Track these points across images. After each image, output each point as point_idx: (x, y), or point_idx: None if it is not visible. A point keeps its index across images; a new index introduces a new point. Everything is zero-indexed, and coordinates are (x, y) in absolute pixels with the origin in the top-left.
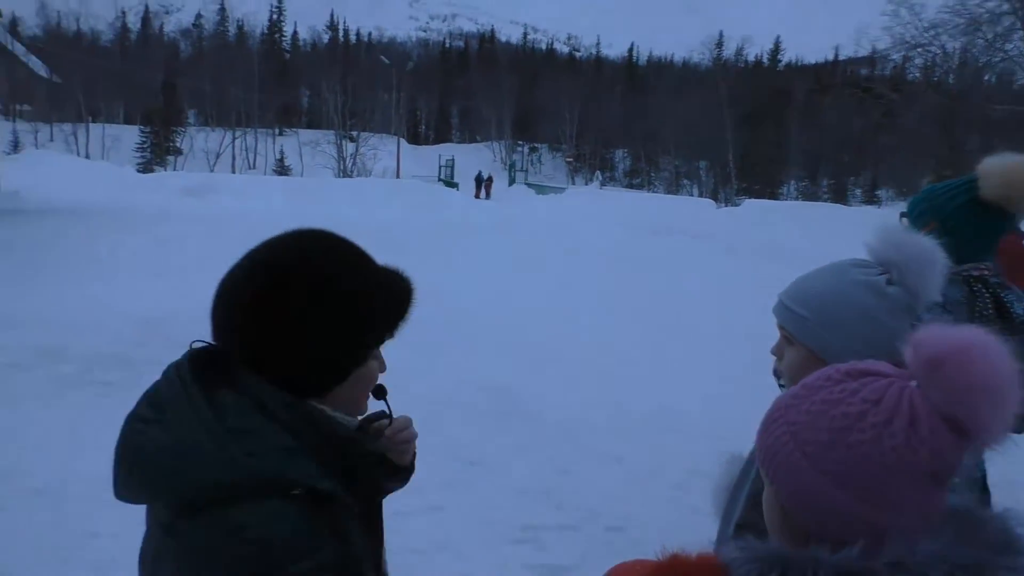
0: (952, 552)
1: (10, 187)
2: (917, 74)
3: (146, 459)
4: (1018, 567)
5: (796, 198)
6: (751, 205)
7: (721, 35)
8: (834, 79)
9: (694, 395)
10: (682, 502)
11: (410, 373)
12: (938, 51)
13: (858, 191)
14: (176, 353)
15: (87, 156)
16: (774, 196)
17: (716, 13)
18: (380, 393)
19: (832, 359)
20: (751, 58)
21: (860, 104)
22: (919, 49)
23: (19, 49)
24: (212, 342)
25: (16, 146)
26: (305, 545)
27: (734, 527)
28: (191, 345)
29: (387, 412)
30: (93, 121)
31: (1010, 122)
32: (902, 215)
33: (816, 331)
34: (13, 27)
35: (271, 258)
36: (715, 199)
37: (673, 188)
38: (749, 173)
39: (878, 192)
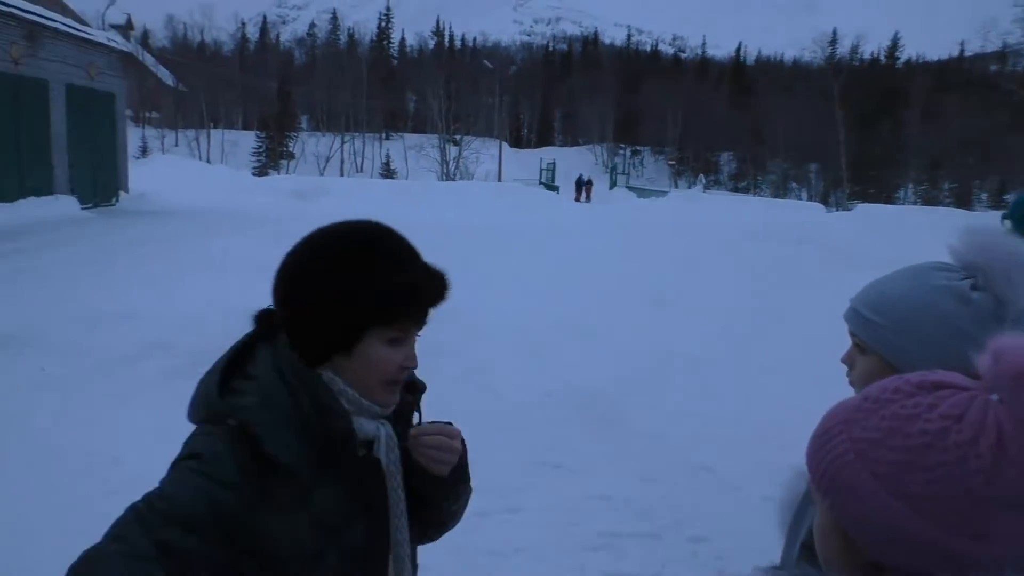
0: None
1: (137, 190)
2: None
3: (194, 392)
4: None
5: (914, 203)
6: (864, 210)
7: (835, 32)
8: (958, 77)
9: (790, 406)
10: (772, 515)
11: (501, 374)
12: None
13: (984, 195)
14: None
15: (207, 160)
16: (890, 200)
17: (830, 10)
18: (412, 389)
19: (907, 369)
20: (867, 56)
21: (987, 102)
22: None
23: (149, 60)
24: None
25: (144, 151)
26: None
27: (800, 547)
28: (260, 309)
29: (449, 422)
30: (214, 127)
31: None
32: (1003, 218)
33: (890, 339)
34: (144, 40)
35: (313, 235)
36: (825, 203)
37: (780, 192)
38: (863, 176)
39: (1007, 197)
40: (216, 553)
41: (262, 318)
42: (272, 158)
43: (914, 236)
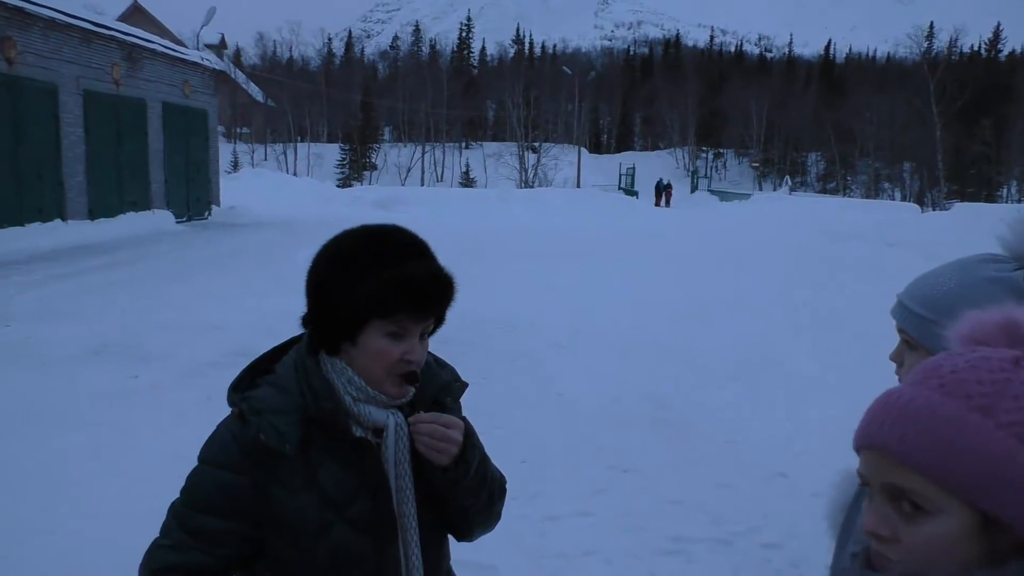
0: None
1: (228, 203)
2: None
3: None
4: None
5: (1018, 201)
6: (962, 209)
7: (931, 26)
8: None
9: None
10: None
11: (571, 379)
12: None
13: None
14: None
15: (294, 173)
16: (991, 199)
17: (926, 4)
18: (410, 380)
19: None
20: (966, 49)
21: None
22: None
23: (240, 77)
24: None
25: (235, 165)
26: (220, 457)
27: (850, 554)
28: None
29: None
30: (300, 141)
31: None
32: None
33: (942, 334)
34: (236, 58)
35: (327, 241)
36: (920, 203)
37: (872, 192)
38: (961, 175)
39: None
40: (239, 528)
41: (303, 318)
42: (355, 169)
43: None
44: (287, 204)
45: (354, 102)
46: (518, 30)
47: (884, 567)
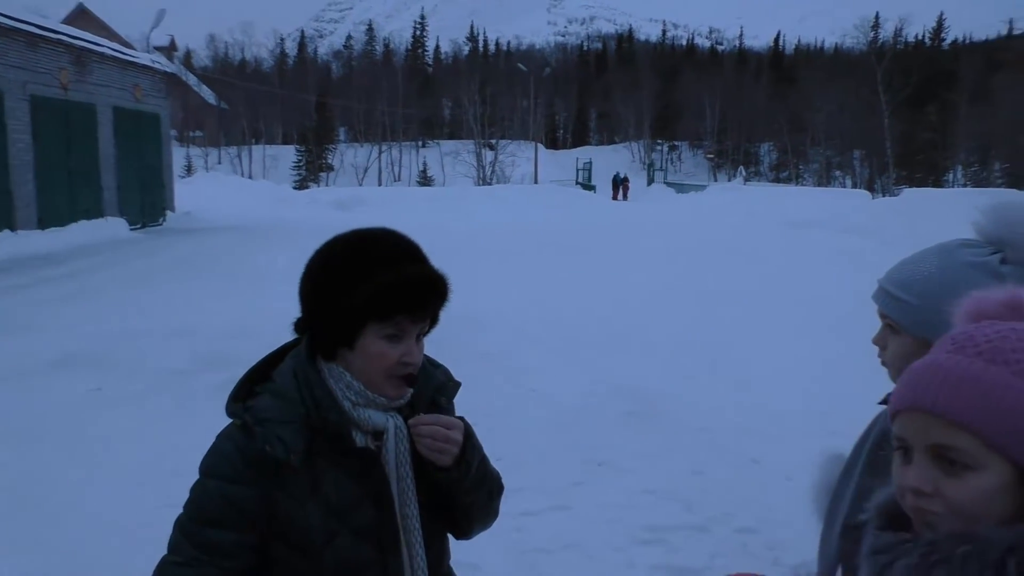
0: None
1: (183, 208)
2: None
3: None
4: None
5: (964, 185)
6: (911, 194)
7: (877, 16)
8: (1008, 54)
9: (836, 395)
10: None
11: (546, 376)
12: None
13: None
14: None
15: (250, 176)
16: (938, 184)
17: None
18: (410, 381)
19: None
20: (911, 38)
21: None
22: None
23: (192, 80)
24: None
25: (189, 170)
26: (227, 470)
27: (840, 528)
28: None
29: (461, 417)
30: (255, 143)
31: None
32: None
33: (924, 318)
34: (187, 60)
35: (320, 245)
36: (871, 190)
37: (824, 180)
38: (909, 161)
39: None
40: (249, 540)
41: (297, 324)
42: (312, 171)
43: (964, 219)
44: (244, 207)
45: (309, 103)
46: (472, 27)
47: (923, 520)
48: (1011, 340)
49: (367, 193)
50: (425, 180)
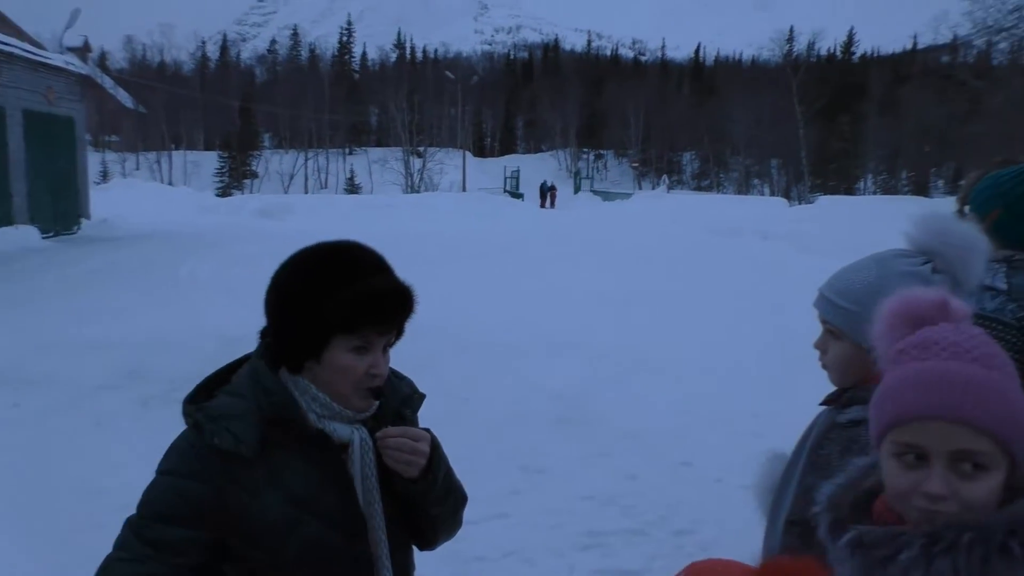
0: None
1: (99, 216)
2: (1003, 59)
3: None
4: None
5: (874, 193)
6: (826, 201)
7: (791, 30)
8: (912, 69)
9: (763, 396)
10: (752, 505)
11: (476, 383)
12: None
13: (940, 182)
14: None
15: (170, 183)
16: (850, 191)
17: (786, 8)
18: (377, 393)
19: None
20: (823, 52)
21: (942, 93)
22: (1004, 33)
23: (108, 83)
24: None
25: (105, 176)
26: (177, 466)
27: (784, 524)
28: None
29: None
30: (175, 148)
31: None
32: (961, 204)
33: (863, 324)
34: (102, 62)
35: (286, 259)
36: (788, 198)
37: (743, 188)
38: (823, 169)
39: (962, 182)
40: (201, 536)
41: (261, 335)
42: (235, 178)
43: (875, 224)
44: (163, 215)
45: (232, 108)
46: (399, 34)
47: (927, 519)
48: (988, 344)
49: (293, 201)
50: (352, 188)
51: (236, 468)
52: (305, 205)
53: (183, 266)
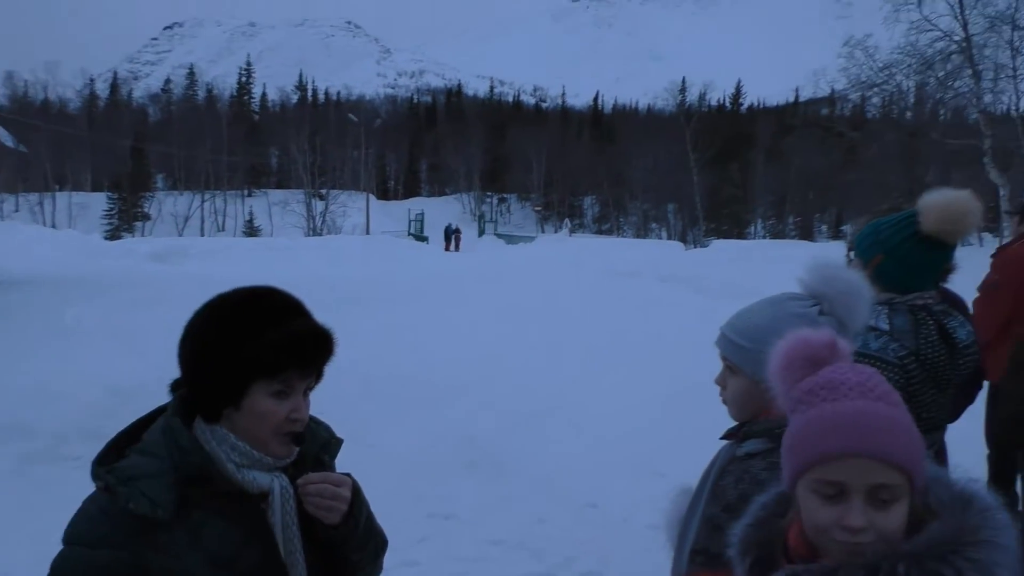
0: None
1: None
2: (876, 112)
3: None
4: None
5: (764, 237)
6: (719, 245)
7: (684, 81)
8: (796, 120)
9: (665, 435)
10: (657, 543)
11: (383, 428)
12: (894, 90)
13: (824, 227)
14: None
15: (53, 225)
16: (742, 236)
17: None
18: (297, 439)
19: (771, 386)
20: (714, 102)
21: (823, 143)
22: (875, 88)
23: None
24: None
25: None
26: (90, 535)
27: (688, 553)
28: None
29: (348, 474)
30: (60, 189)
31: (964, 155)
32: (849, 250)
33: (758, 361)
34: None
35: (205, 302)
36: (684, 241)
37: (642, 232)
38: (716, 214)
39: (844, 227)
40: None
41: (175, 385)
42: (125, 220)
43: (766, 267)
44: (46, 259)
45: (122, 148)
46: (301, 76)
47: (849, 551)
48: (885, 383)
49: (188, 244)
50: (252, 231)
51: (154, 533)
52: (201, 248)
53: (68, 312)
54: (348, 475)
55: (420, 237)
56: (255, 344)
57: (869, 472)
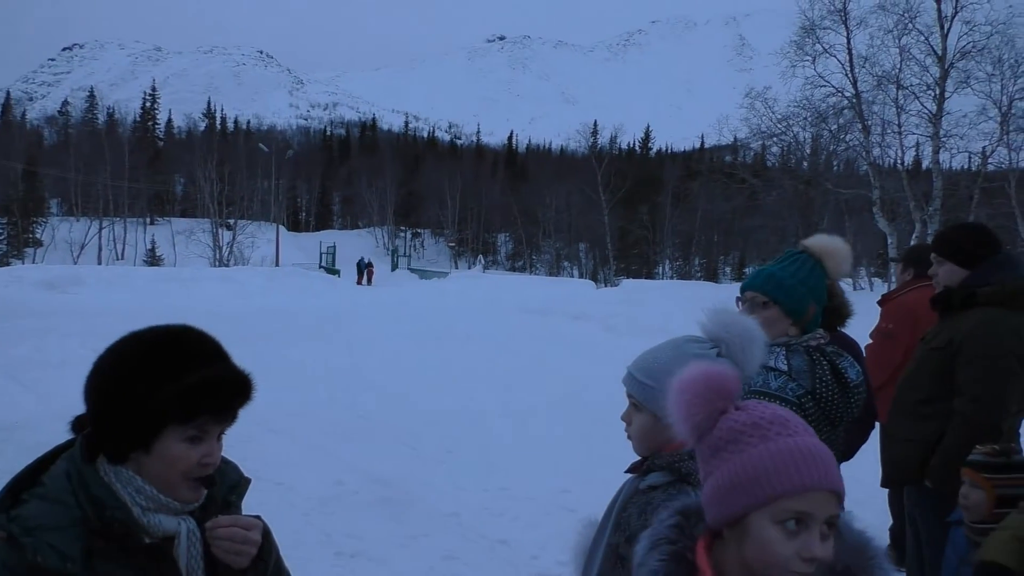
0: None
1: None
2: (775, 161)
3: None
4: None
5: (671, 277)
6: (629, 284)
7: (595, 124)
8: (701, 165)
9: (574, 472)
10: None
11: (289, 465)
12: (791, 140)
13: (728, 269)
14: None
15: None
16: (651, 276)
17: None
18: (206, 483)
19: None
20: (624, 145)
21: (726, 188)
22: (774, 138)
23: None
24: None
25: None
26: None
27: None
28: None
29: (258, 516)
30: None
31: (855, 204)
32: (738, 299)
33: (660, 398)
34: None
35: (115, 341)
36: (595, 280)
37: (554, 270)
38: (626, 254)
39: (746, 269)
40: None
41: (75, 425)
42: (15, 245)
43: (672, 306)
44: None
45: (14, 170)
46: (209, 103)
47: None
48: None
49: (84, 272)
50: (154, 260)
51: None
52: (98, 277)
53: None
54: (258, 517)
55: (332, 270)
56: (171, 388)
57: (828, 505)
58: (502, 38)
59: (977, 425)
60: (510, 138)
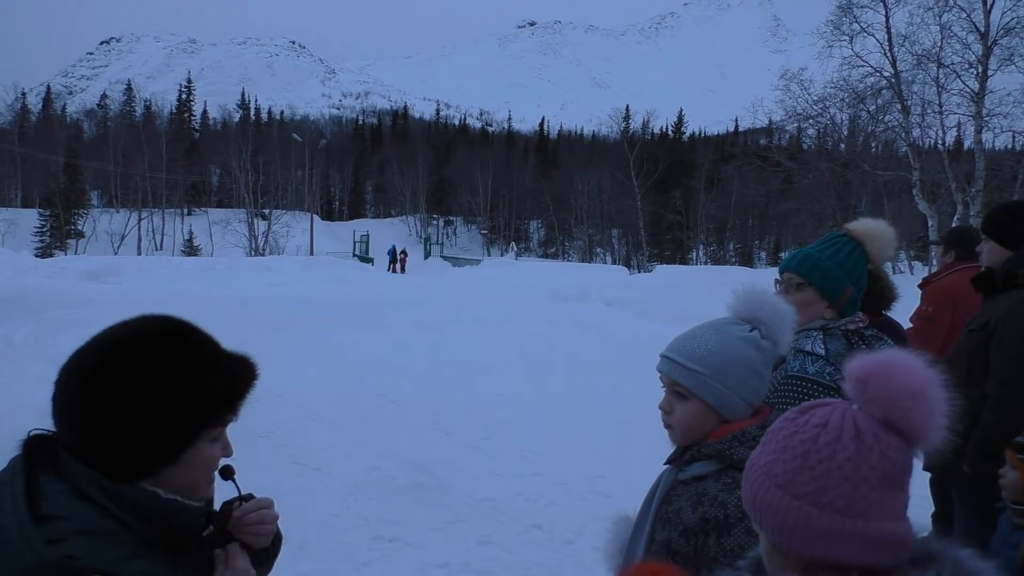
0: None
1: None
2: (811, 143)
3: None
4: None
5: (705, 262)
6: (662, 270)
7: (628, 108)
8: (735, 149)
9: (611, 458)
10: (602, 564)
11: (327, 451)
12: (828, 122)
13: (763, 253)
14: None
15: None
16: (684, 261)
17: (622, 88)
18: (226, 474)
19: (725, 409)
20: (657, 130)
21: (761, 171)
22: (810, 120)
23: None
24: (49, 429)
25: None
26: None
27: None
28: (28, 433)
29: (248, 495)
30: None
31: (894, 186)
32: (776, 281)
33: (712, 384)
34: None
35: (102, 342)
36: (628, 266)
37: (587, 256)
38: (659, 239)
39: (782, 254)
40: None
41: (36, 445)
42: (58, 237)
43: (707, 292)
44: None
45: (55, 163)
46: (244, 94)
47: None
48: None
49: (124, 262)
50: (192, 250)
51: None
52: (138, 267)
53: None
54: (251, 494)
55: (365, 258)
56: (201, 394)
57: None
58: (532, 24)
59: (1008, 408)
60: (541, 124)
